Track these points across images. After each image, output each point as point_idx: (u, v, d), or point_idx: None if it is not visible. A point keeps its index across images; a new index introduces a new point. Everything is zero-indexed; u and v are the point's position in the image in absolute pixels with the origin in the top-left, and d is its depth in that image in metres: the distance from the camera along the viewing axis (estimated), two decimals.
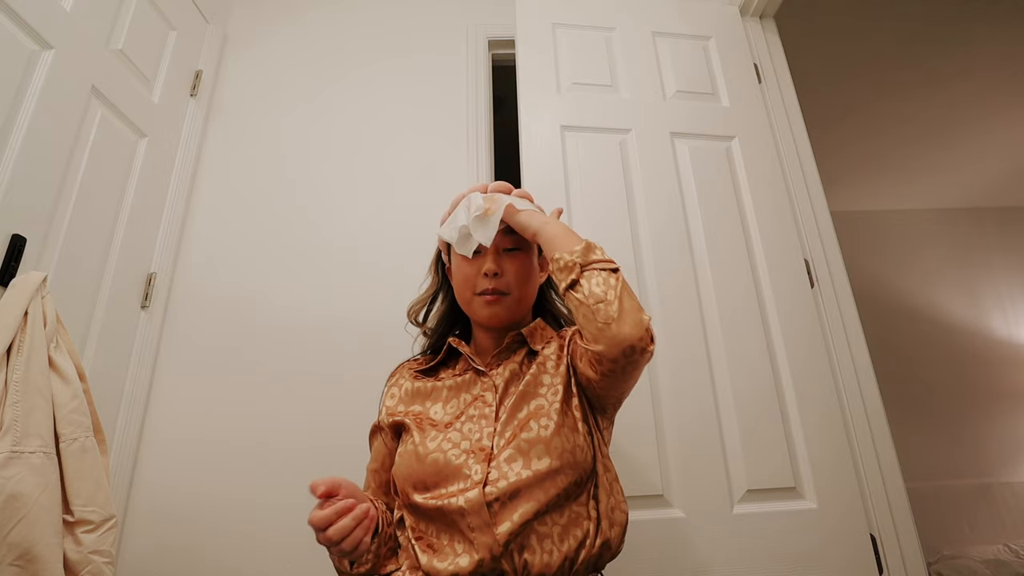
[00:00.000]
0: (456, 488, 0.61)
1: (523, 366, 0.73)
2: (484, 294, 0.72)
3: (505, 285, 0.72)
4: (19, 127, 0.93)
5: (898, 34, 2.12)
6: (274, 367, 1.24)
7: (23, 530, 0.71)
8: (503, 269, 0.72)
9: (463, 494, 0.60)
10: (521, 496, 0.59)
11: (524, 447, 0.62)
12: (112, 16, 1.20)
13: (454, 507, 0.59)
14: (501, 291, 0.72)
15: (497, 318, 0.73)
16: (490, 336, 0.77)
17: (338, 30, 1.64)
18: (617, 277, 0.61)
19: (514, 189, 0.81)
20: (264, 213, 1.40)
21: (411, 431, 0.68)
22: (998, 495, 2.86)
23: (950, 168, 3.14)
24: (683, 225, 1.26)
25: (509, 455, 0.62)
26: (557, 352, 0.73)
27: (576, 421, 0.66)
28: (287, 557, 1.10)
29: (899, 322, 3.22)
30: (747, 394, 1.13)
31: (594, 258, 0.63)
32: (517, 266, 0.74)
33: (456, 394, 0.72)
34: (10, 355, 0.78)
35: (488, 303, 0.72)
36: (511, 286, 0.72)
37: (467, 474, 0.61)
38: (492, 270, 0.71)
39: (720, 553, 1.01)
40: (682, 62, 1.44)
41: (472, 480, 0.61)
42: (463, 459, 0.63)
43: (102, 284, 1.13)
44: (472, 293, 0.73)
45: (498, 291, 0.72)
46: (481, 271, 0.72)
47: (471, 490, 0.60)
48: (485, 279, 0.72)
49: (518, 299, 0.73)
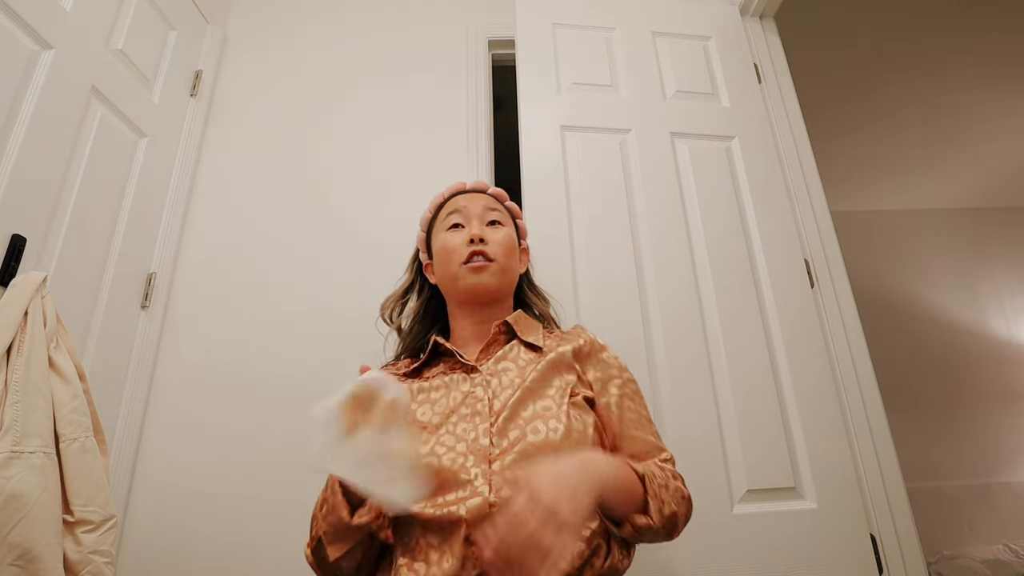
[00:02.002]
0: (455, 496, 0.57)
1: (518, 359, 0.70)
2: (470, 261, 0.72)
3: (492, 252, 0.73)
4: (19, 127, 0.93)
5: (898, 34, 2.12)
6: (274, 366, 1.24)
7: (23, 530, 0.71)
8: (487, 238, 0.73)
9: (464, 503, 0.56)
10: None
11: (531, 451, 0.58)
12: (112, 16, 1.20)
13: (454, 516, 0.55)
14: (487, 256, 0.72)
15: (483, 286, 0.72)
16: (474, 327, 0.75)
17: (338, 30, 1.64)
18: (676, 494, 0.62)
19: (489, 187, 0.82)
20: (264, 213, 1.40)
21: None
22: (998, 495, 2.86)
23: (950, 168, 3.14)
24: (683, 225, 1.26)
25: (514, 461, 0.58)
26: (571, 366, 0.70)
27: (587, 427, 0.64)
28: (288, 556, 1.10)
29: (899, 322, 3.21)
30: (747, 394, 1.13)
31: (661, 505, 0.59)
32: (501, 236, 0.75)
33: (445, 393, 0.68)
34: (10, 355, 0.78)
35: (475, 270, 0.72)
36: (496, 254, 0.73)
37: (466, 479, 0.58)
38: (478, 236, 0.72)
39: (720, 553, 1.01)
40: (682, 62, 1.44)
41: (473, 487, 0.57)
42: (460, 462, 0.59)
43: (102, 284, 1.13)
44: (458, 264, 0.72)
45: (484, 255, 0.72)
46: (466, 239, 0.72)
47: (473, 499, 0.56)
48: (470, 245, 0.72)
49: (503, 268, 0.74)
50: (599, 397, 0.69)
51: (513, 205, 0.85)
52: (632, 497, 0.57)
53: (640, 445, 0.68)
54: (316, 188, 1.43)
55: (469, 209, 0.78)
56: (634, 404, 0.71)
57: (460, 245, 0.73)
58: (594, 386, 0.70)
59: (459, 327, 0.77)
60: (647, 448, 0.68)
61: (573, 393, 0.66)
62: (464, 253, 0.72)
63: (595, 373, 0.72)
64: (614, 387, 0.71)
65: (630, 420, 0.69)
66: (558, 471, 0.49)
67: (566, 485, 0.47)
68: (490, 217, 0.77)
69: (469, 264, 0.72)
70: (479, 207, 0.78)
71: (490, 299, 0.74)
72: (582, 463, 0.52)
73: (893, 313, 3.23)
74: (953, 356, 3.18)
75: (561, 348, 0.71)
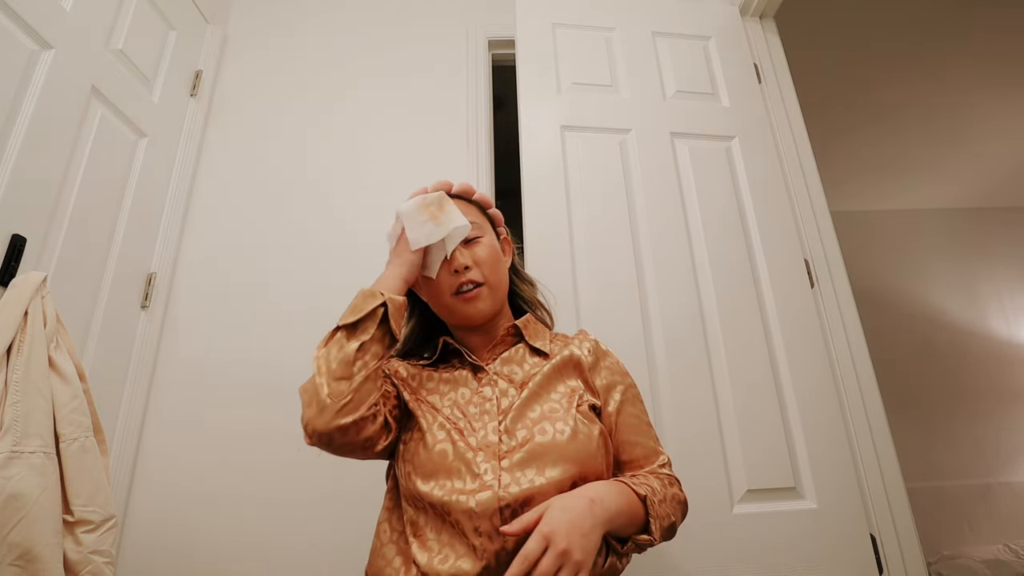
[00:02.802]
0: (464, 486, 0.59)
1: (523, 362, 0.72)
2: (460, 292, 0.70)
3: (478, 275, 0.71)
4: (19, 127, 0.93)
5: (898, 34, 2.12)
6: (274, 366, 1.24)
7: (23, 530, 0.71)
8: (471, 260, 0.71)
9: (473, 495, 0.57)
10: (532, 505, 0.57)
11: (538, 451, 0.60)
12: (112, 16, 1.20)
13: (463, 506, 0.57)
14: (477, 282, 0.71)
15: (481, 314, 0.71)
16: (477, 336, 0.75)
17: (338, 30, 1.64)
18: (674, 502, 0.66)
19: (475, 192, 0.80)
20: (264, 213, 1.40)
21: (418, 417, 0.66)
22: (998, 495, 2.86)
23: (950, 168, 3.14)
24: (683, 225, 1.26)
25: (522, 459, 0.60)
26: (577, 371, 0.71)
27: (592, 431, 0.65)
28: (289, 555, 1.10)
29: (899, 322, 3.22)
30: (747, 394, 1.13)
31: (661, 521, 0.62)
32: (483, 252, 0.73)
33: (453, 388, 0.70)
34: (10, 355, 0.78)
35: (467, 300, 0.70)
36: (485, 275, 0.72)
37: (476, 472, 0.59)
38: (461, 265, 0.70)
39: (720, 553, 1.01)
40: (682, 62, 1.44)
41: (483, 481, 0.58)
42: (471, 455, 0.61)
43: (102, 284, 1.13)
44: (449, 295, 0.71)
45: (473, 282, 0.71)
46: (450, 271, 0.71)
47: (482, 492, 0.58)
48: (456, 276, 0.71)
49: (494, 286, 0.73)
50: (605, 405, 0.71)
51: (496, 212, 0.83)
52: (635, 520, 0.60)
53: (639, 450, 0.70)
54: (316, 188, 1.43)
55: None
56: (634, 409, 0.73)
57: (446, 277, 0.71)
58: (600, 394, 0.72)
59: (462, 335, 0.77)
60: (645, 452, 0.71)
61: (580, 401, 0.67)
62: (452, 284, 0.71)
63: (601, 381, 0.73)
64: (617, 393, 0.72)
65: (631, 426, 0.71)
66: (573, 518, 0.53)
67: (580, 529, 0.52)
68: (472, 234, 0.74)
69: (460, 295, 0.71)
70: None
71: (485, 322, 0.74)
72: (590, 501, 0.55)
73: (893, 313, 3.23)
74: (953, 356, 3.18)
75: (566, 352, 0.72)
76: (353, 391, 0.59)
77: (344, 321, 0.62)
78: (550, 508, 0.54)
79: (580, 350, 0.74)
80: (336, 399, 0.58)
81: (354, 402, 0.59)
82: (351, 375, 0.59)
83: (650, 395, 1.10)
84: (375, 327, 0.62)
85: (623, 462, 0.70)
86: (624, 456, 0.69)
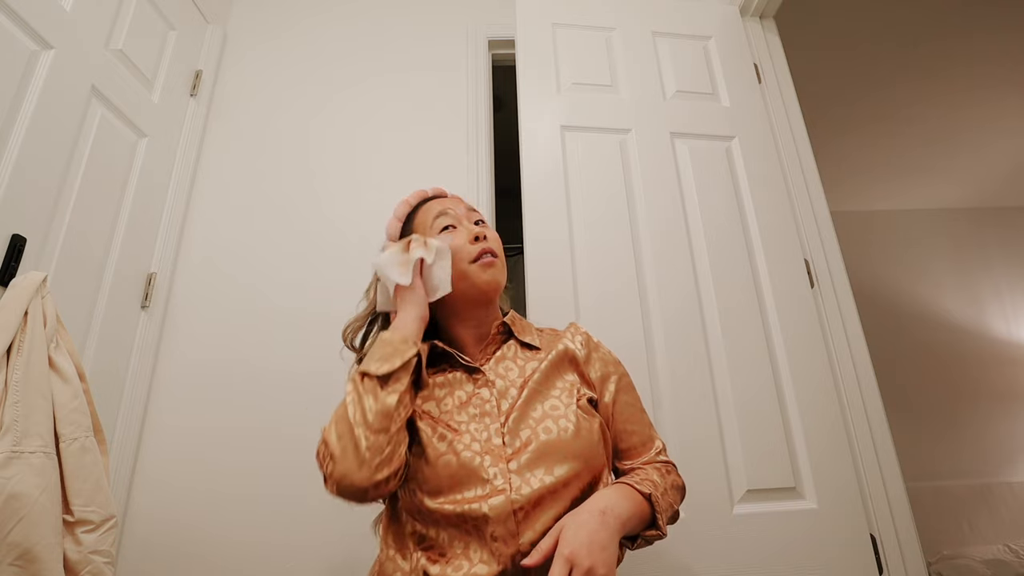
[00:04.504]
0: (475, 494, 0.58)
1: (517, 358, 0.71)
2: (479, 259, 0.71)
3: (496, 247, 0.73)
4: (19, 127, 0.93)
5: (898, 34, 2.12)
6: (274, 366, 1.24)
7: (23, 530, 0.71)
8: (487, 235, 0.73)
9: (486, 500, 0.57)
10: (544, 504, 0.58)
11: (545, 450, 0.60)
12: (112, 16, 1.20)
13: (477, 514, 0.57)
14: (494, 252, 0.72)
15: (497, 284, 0.72)
16: (471, 331, 0.74)
17: (338, 30, 1.64)
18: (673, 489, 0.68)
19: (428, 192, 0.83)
20: (264, 213, 1.40)
21: (418, 430, 0.64)
22: (998, 495, 2.86)
23: (950, 168, 3.14)
24: (683, 225, 1.26)
25: (529, 459, 0.60)
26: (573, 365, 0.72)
27: (593, 426, 0.65)
28: (289, 555, 1.10)
29: (899, 322, 3.22)
30: (747, 394, 1.13)
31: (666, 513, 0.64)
32: (494, 234, 0.75)
33: (449, 392, 0.68)
34: (10, 355, 0.78)
35: (487, 265, 0.71)
36: (498, 251, 0.73)
37: (485, 478, 0.59)
38: (482, 233, 0.72)
39: (720, 553, 1.01)
40: (682, 62, 1.44)
41: (494, 486, 0.58)
42: (477, 461, 0.60)
43: (102, 284, 1.13)
44: (467, 262, 0.71)
45: (492, 252, 0.72)
46: (469, 238, 0.72)
47: (495, 496, 0.57)
48: (477, 243, 0.71)
49: (503, 264, 0.74)
50: (601, 396, 0.72)
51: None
52: (643, 520, 0.61)
53: (636, 438, 0.72)
54: (316, 187, 1.43)
55: (456, 210, 0.76)
56: (629, 398, 0.75)
57: (465, 244, 0.71)
58: (596, 385, 0.72)
59: (455, 332, 0.75)
60: (642, 440, 0.73)
61: (579, 396, 0.67)
62: (472, 251, 0.71)
63: (595, 373, 0.74)
64: (612, 384, 0.74)
65: (627, 415, 0.73)
66: (590, 534, 0.53)
67: (599, 543, 0.53)
68: (475, 217, 0.77)
69: (480, 261, 0.71)
70: (463, 208, 0.78)
71: (496, 296, 0.74)
72: (601, 513, 0.56)
73: (893, 313, 3.24)
74: (953, 356, 3.18)
75: (560, 347, 0.73)
76: (391, 443, 0.57)
77: (378, 372, 0.59)
78: (565, 528, 0.54)
79: (573, 343, 0.74)
80: (376, 453, 0.56)
81: (392, 454, 0.58)
82: (388, 428, 0.57)
83: (650, 395, 1.10)
84: (407, 376, 0.61)
85: (621, 450, 0.71)
86: (622, 444, 0.72)
